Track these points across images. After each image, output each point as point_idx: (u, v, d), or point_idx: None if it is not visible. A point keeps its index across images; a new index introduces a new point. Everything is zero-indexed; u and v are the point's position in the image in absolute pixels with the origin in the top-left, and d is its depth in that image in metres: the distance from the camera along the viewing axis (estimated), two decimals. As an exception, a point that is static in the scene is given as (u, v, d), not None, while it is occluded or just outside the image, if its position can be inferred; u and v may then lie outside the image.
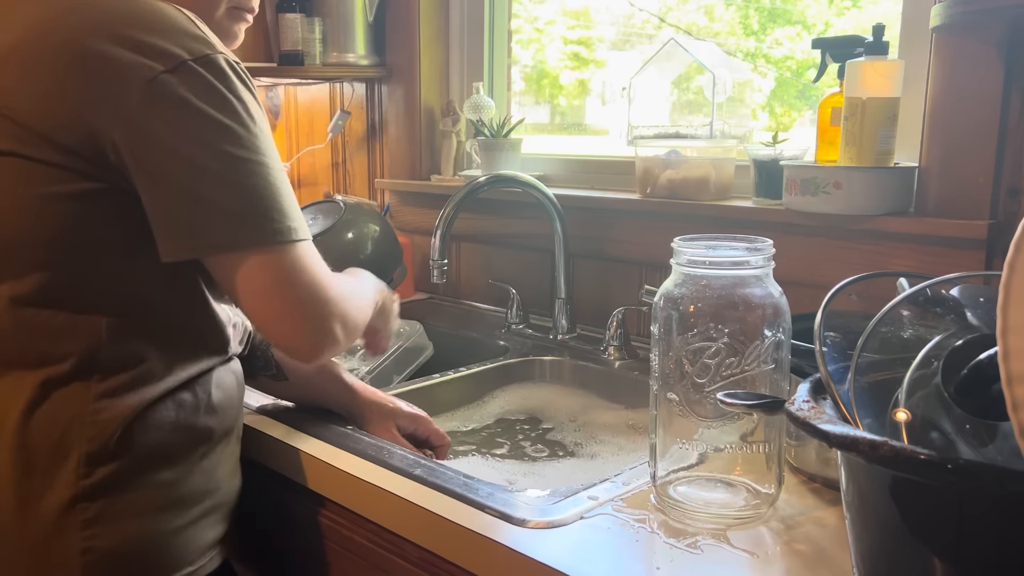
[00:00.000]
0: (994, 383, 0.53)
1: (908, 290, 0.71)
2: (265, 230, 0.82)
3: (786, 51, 1.59)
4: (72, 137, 0.79)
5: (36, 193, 0.81)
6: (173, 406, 0.89)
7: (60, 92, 0.79)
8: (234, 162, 0.81)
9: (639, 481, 0.89)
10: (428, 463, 0.95)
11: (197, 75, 0.80)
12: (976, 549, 0.55)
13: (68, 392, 0.85)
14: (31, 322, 0.84)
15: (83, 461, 0.84)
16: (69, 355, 0.84)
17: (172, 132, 0.79)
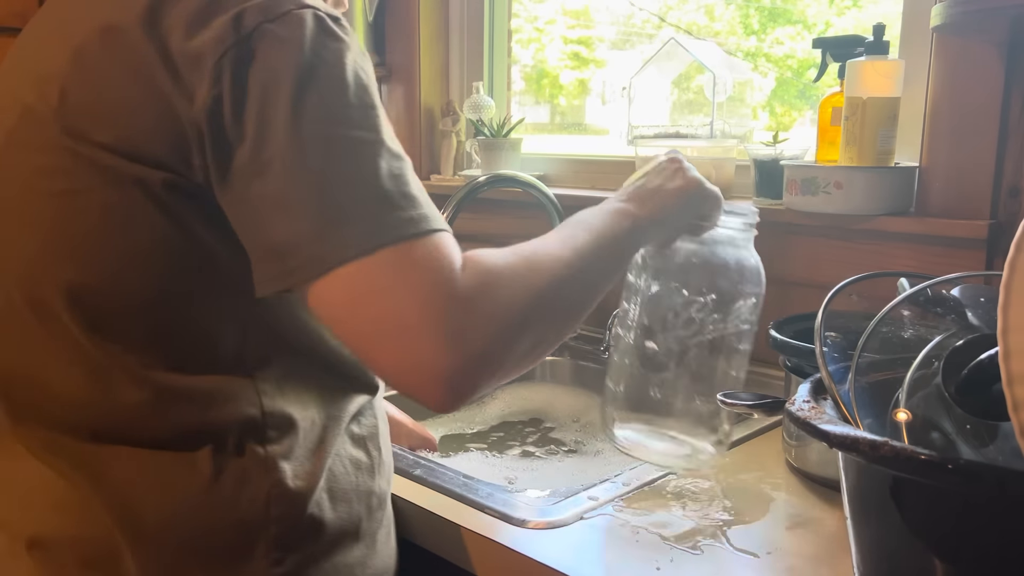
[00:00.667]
0: (995, 383, 0.53)
1: (909, 290, 0.71)
2: (389, 222, 0.61)
3: (787, 50, 1.59)
4: (162, 151, 0.63)
5: (146, 226, 0.64)
6: (352, 468, 0.74)
7: (134, 98, 0.63)
8: (338, 147, 0.61)
9: (639, 481, 0.89)
10: (428, 463, 0.95)
11: (276, 37, 0.61)
12: (976, 549, 0.55)
13: (243, 465, 0.68)
14: (175, 391, 0.67)
15: (273, 547, 0.68)
16: (231, 421, 0.68)
17: (251, 118, 0.60)
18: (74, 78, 0.66)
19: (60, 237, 0.66)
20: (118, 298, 0.66)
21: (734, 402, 0.92)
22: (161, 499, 0.67)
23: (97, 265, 0.66)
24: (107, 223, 0.65)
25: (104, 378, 0.67)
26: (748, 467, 0.94)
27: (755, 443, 1.01)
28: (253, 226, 0.62)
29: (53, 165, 0.66)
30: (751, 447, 1.00)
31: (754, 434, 1.03)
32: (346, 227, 0.59)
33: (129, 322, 0.67)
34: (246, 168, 0.61)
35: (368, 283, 0.59)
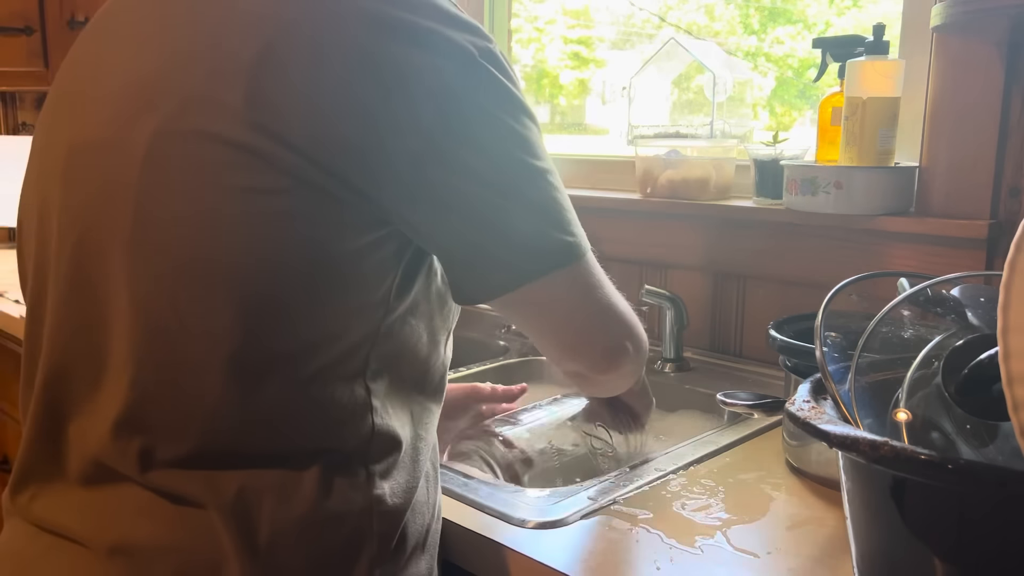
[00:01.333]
0: (995, 383, 0.53)
1: (909, 290, 0.71)
2: (570, 246, 0.72)
3: (787, 49, 1.59)
4: (355, 170, 0.63)
5: (321, 239, 0.65)
6: (424, 482, 0.76)
7: (339, 108, 0.62)
8: (534, 175, 0.70)
9: (639, 481, 0.89)
10: (428, 463, 0.95)
11: (487, 75, 0.67)
12: (977, 549, 0.55)
13: (350, 481, 0.69)
14: (304, 402, 0.67)
15: (374, 563, 0.69)
16: (346, 436, 0.69)
17: (474, 148, 0.66)
18: (266, 74, 0.63)
19: (234, 237, 0.64)
20: (281, 303, 0.66)
21: (734, 402, 0.92)
22: (275, 512, 0.67)
23: (268, 273, 0.65)
24: (287, 227, 0.64)
25: (246, 388, 0.66)
26: (748, 467, 0.94)
27: (755, 443, 1.01)
28: (472, 243, 0.69)
29: (236, 160, 0.63)
30: (751, 447, 1.00)
31: (754, 434, 1.03)
32: (555, 243, 0.71)
33: (281, 332, 0.66)
34: (463, 192, 0.67)
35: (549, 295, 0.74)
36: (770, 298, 1.31)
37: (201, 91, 0.65)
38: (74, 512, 0.70)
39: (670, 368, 1.31)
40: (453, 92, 0.65)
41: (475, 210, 0.67)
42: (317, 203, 0.64)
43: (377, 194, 0.65)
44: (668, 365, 1.31)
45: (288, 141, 0.62)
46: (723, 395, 0.93)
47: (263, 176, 0.63)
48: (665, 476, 0.91)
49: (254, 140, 0.63)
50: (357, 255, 0.66)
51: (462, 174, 0.66)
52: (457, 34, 0.66)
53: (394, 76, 0.63)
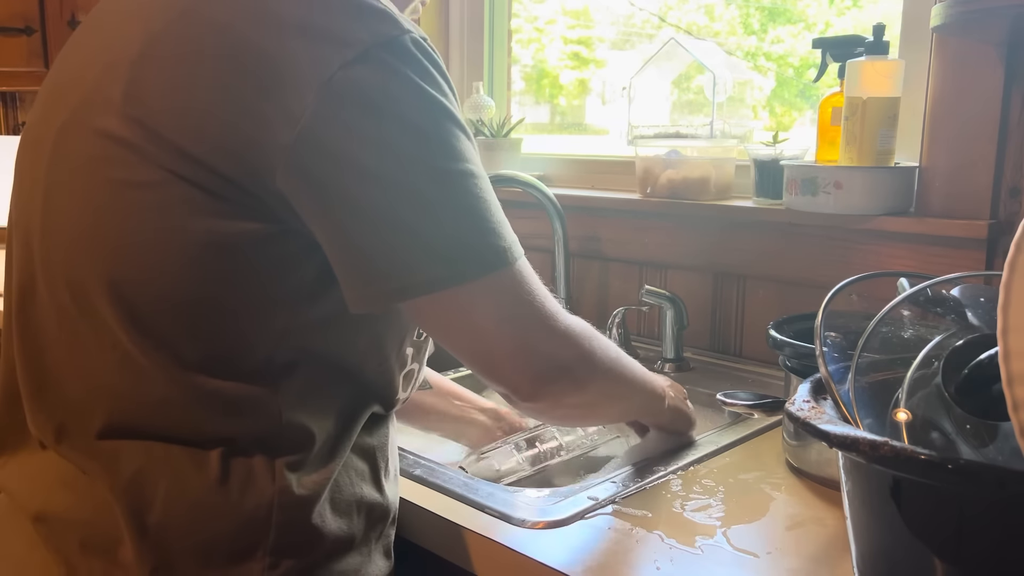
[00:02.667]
0: (995, 383, 0.53)
1: (908, 290, 0.71)
2: (485, 256, 0.66)
3: (787, 48, 1.59)
4: (233, 164, 0.62)
5: (198, 230, 0.64)
6: (357, 478, 0.75)
7: (214, 102, 0.62)
8: (440, 177, 0.64)
9: (639, 481, 0.89)
10: (428, 463, 0.95)
11: (385, 65, 0.62)
12: (976, 549, 0.55)
13: (252, 469, 0.68)
14: (201, 391, 0.68)
15: (271, 552, 0.68)
16: (250, 428, 0.69)
17: (360, 145, 0.61)
18: (145, 67, 0.65)
19: (110, 226, 0.67)
20: (159, 294, 0.66)
21: (734, 402, 0.92)
22: (169, 494, 0.68)
23: (143, 259, 0.66)
24: (160, 219, 0.65)
25: (135, 371, 0.68)
26: (748, 467, 0.94)
27: (755, 443, 1.01)
28: (363, 248, 0.64)
29: (116, 155, 0.65)
30: (751, 447, 1.00)
31: (754, 434, 1.03)
32: (461, 254, 0.65)
33: (166, 319, 0.67)
34: (357, 195, 0.63)
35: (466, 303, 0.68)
36: (770, 298, 1.31)
37: (96, 86, 0.67)
38: (22, 479, 0.75)
39: (670, 368, 1.31)
40: (341, 89, 0.61)
41: (356, 215, 0.63)
42: (192, 196, 0.63)
43: (256, 187, 0.63)
44: (668, 365, 1.31)
45: (161, 135, 0.63)
46: (723, 395, 0.93)
47: (137, 170, 0.64)
48: (665, 476, 0.91)
49: (130, 134, 0.64)
50: (245, 248, 0.65)
51: (344, 171, 0.62)
52: (351, 24, 0.62)
53: (271, 70, 0.61)
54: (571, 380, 0.73)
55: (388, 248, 0.64)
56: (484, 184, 0.68)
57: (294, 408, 0.70)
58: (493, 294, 0.68)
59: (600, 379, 0.77)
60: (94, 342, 0.69)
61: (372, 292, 0.65)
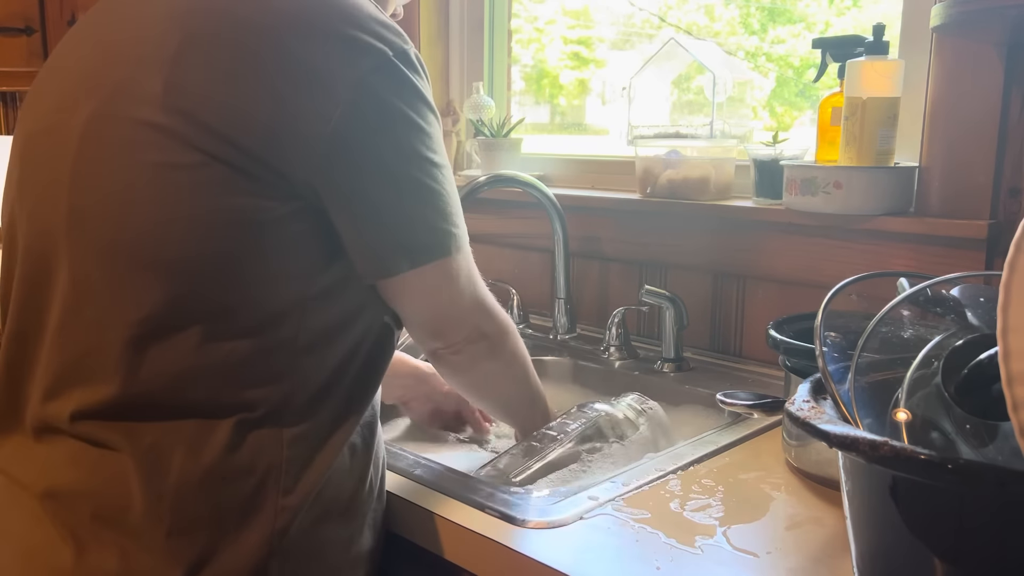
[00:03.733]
0: (994, 383, 0.53)
1: (908, 290, 0.71)
2: (454, 238, 0.80)
3: (788, 48, 1.59)
4: (269, 148, 0.70)
5: (234, 208, 0.71)
6: (349, 453, 0.80)
7: (256, 97, 0.70)
8: (432, 169, 0.77)
9: (639, 481, 0.89)
10: (428, 463, 0.95)
11: (400, 74, 0.73)
12: (976, 549, 0.55)
13: (262, 438, 0.74)
14: (225, 363, 0.73)
15: (278, 515, 0.74)
16: (265, 399, 0.74)
17: (381, 141, 0.73)
18: (185, 61, 0.71)
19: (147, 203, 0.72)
20: (191, 267, 0.72)
21: (734, 402, 0.92)
22: (184, 461, 0.73)
23: (177, 233, 0.72)
24: (199, 198, 0.71)
25: (163, 343, 0.73)
26: (748, 467, 0.94)
27: (755, 443, 1.01)
28: (372, 228, 0.75)
29: (154, 140, 0.71)
30: (751, 447, 1.00)
31: (754, 434, 1.03)
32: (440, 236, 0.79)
33: (197, 290, 0.72)
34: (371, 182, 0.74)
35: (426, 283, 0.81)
36: (770, 298, 1.31)
37: (129, 78, 0.73)
38: (23, 461, 0.78)
39: (670, 368, 1.31)
40: (364, 87, 0.71)
41: (374, 198, 0.74)
42: (229, 176, 0.70)
43: (289, 171, 0.72)
44: (668, 365, 1.31)
45: (202, 121, 0.70)
46: (723, 395, 0.93)
47: (176, 153, 0.70)
48: (665, 476, 0.91)
49: (170, 121, 0.70)
50: (274, 225, 0.72)
51: (365, 162, 0.73)
52: (372, 36, 0.72)
53: (307, 72, 0.70)
54: (487, 346, 0.89)
55: (392, 231, 0.76)
56: (451, 176, 0.81)
57: (308, 383, 0.76)
58: (454, 271, 0.82)
59: (508, 356, 0.94)
60: (118, 316, 0.73)
61: (378, 267, 0.77)
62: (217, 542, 0.72)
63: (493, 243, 1.71)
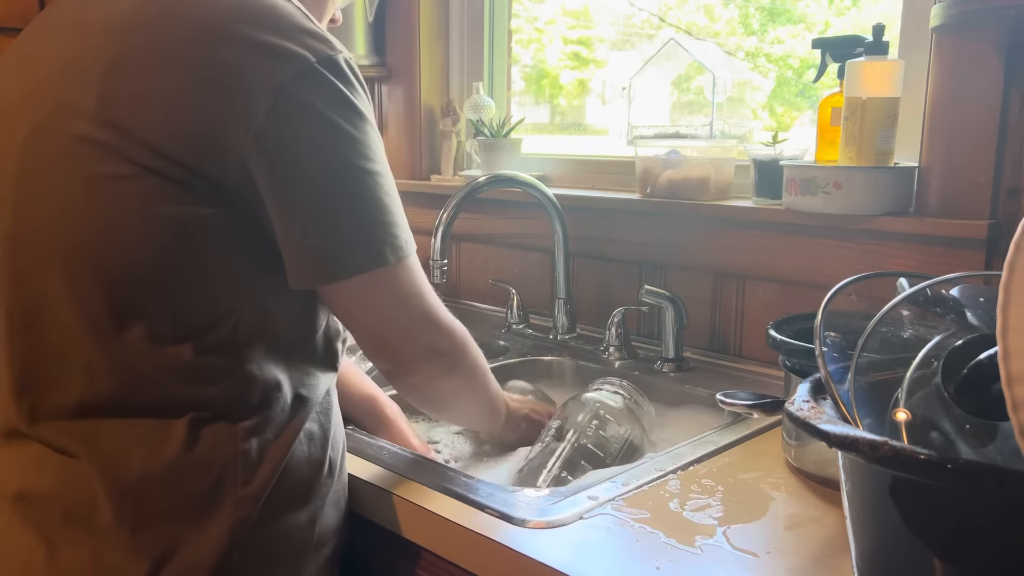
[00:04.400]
0: (994, 383, 0.53)
1: (908, 290, 0.71)
2: (393, 247, 0.78)
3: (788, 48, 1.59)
4: (197, 157, 0.72)
5: (168, 216, 0.73)
6: (306, 439, 0.83)
7: (181, 107, 0.71)
8: (363, 176, 0.76)
9: (639, 481, 0.89)
10: (428, 463, 0.95)
11: (324, 80, 0.73)
12: (976, 549, 0.55)
13: (216, 434, 0.77)
14: (170, 364, 0.76)
15: (237, 507, 0.77)
16: (214, 397, 0.77)
17: (299, 145, 0.73)
18: (116, 76, 0.73)
19: (85, 215, 0.74)
20: (134, 274, 0.74)
21: (734, 402, 0.92)
22: (144, 461, 0.76)
23: (117, 243, 0.74)
24: (134, 208, 0.73)
25: (110, 348, 0.76)
26: (748, 467, 0.94)
27: (755, 443, 1.01)
28: (299, 236, 0.75)
29: (89, 153, 0.73)
30: (751, 447, 1.00)
31: (754, 434, 1.03)
32: (373, 245, 0.77)
33: (141, 297, 0.75)
34: (295, 189, 0.73)
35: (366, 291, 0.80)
36: (770, 298, 1.31)
37: (64, 94, 0.75)
38: None
39: (670, 368, 1.31)
40: (284, 93, 0.71)
41: (298, 205, 0.74)
42: (162, 186, 0.72)
43: (219, 178, 0.73)
44: (668, 365, 1.31)
45: (134, 134, 0.72)
46: (723, 395, 0.93)
47: (109, 165, 0.72)
48: (665, 476, 0.91)
49: (103, 135, 0.72)
50: (211, 231, 0.74)
51: (289, 169, 0.73)
52: (295, 44, 0.73)
53: (229, 81, 0.71)
54: (444, 364, 0.88)
55: (317, 238, 0.75)
56: (391, 183, 0.80)
57: (257, 376, 0.79)
58: (395, 282, 0.80)
59: (467, 372, 0.92)
60: (71, 323, 0.76)
61: (309, 273, 0.76)
62: (180, 536, 0.76)
63: (493, 243, 1.71)
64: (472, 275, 1.77)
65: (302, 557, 0.83)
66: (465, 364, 0.91)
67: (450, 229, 1.35)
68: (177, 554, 0.76)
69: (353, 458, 0.96)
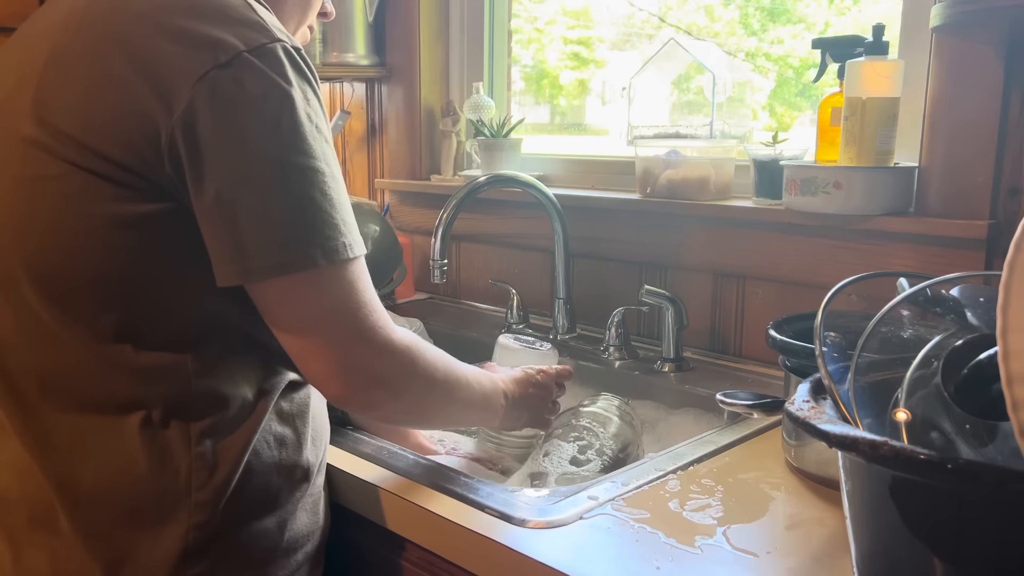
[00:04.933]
0: (994, 383, 0.53)
1: (908, 290, 0.71)
2: (325, 249, 0.72)
3: (788, 48, 1.59)
4: (128, 153, 0.70)
5: (102, 214, 0.71)
6: (275, 441, 0.81)
7: (107, 100, 0.70)
8: (290, 171, 0.71)
9: (639, 481, 0.89)
10: (428, 462, 0.95)
11: (253, 68, 0.69)
12: (976, 549, 0.55)
13: (169, 435, 0.76)
14: (115, 362, 0.75)
15: (193, 512, 0.76)
16: (161, 395, 0.76)
17: (224, 136, 0.69)
18: (50, 75, 0.73)
19: (24, 216, 0.74)
20: (74, 273, 0.74)
21: (734, 402, 0.92)
22: (97, 468, 0.76)
23: (56, 243, 0.73)
24: (68, 208, 0.72)
25: (55, 344, 0.76)
26: (748, 467, 0.94)
27: (755, 443, 1.01)
28: (221, 230, 0.71)
29: (27, 153, 0.73)
30: (751, 447, 1.00)
31: (754, 434, 1.03)
32: (299, 245, 0.71)
33: (83, 295, 0.74)
34: (219, 181, 0.70)
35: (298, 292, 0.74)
36: (770, 298, 1.31)
37: (10, 95, 0.76)
38: None
39: (670, 368, 1.31)
40: (213, 86, 0.69)
41: (219, 198, 0.70)
42: (92, 184, 0.71)
43: (150, 173, 0.71)
44: (668, 365, 1.31)
45: (65, 133, 0.71)
46: (723, 395, 0.93)
47: (44, 165, 0.72)
48: (665, 476, 0.91)
49: (38, 134, 0.72)
50: (148, 226, 0.72)
51: (211, 161, 0.70)
52: (227, 32, 0.70)
53: (157, 71, 0.69)
54: (386, 390, 0.79)
55: (238, 233, 0.70)
56: (332, 182, 0.74)
57: (207, 374, 0.77)
58: (324, 289, 0.73)
59: (418, 391, 0.83)
60: (14, 321, 0.77)
61: (228, 270, 0.72)
62: (133, 541, 0.76)
63: (493, 243, 1.71)
64: (472, 275, 1.77)
65: (270, 563, 0.81)
66: (413, 389, 0.82)
67: (450, 229, 1.35)
68: (130, 560, 0.76)
69: (353, 458, 0.96)
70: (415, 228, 1.85)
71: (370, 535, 0.92)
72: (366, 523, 0.92)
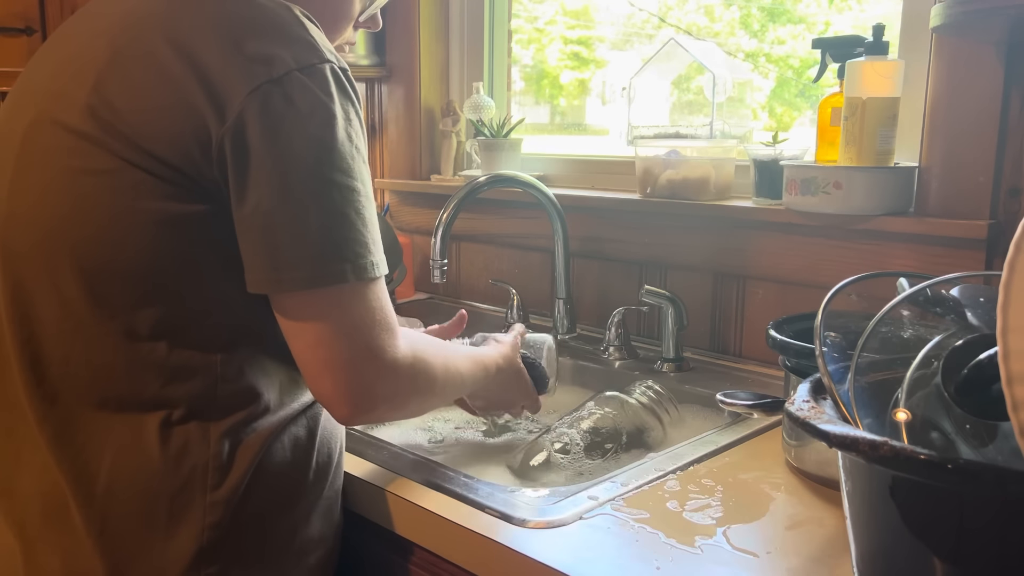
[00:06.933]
0: (994, 383, 0.53)
1: (908, 290, 0.71)
2: (355, 266, 0.74)
3: (788, 49, 1.59)
4: (178, 153, 0.72)
5: (149, 210, 0.73)
6: (290, 444, 0.82)
7: (165, 102, 0.72)
8: (328, 188, 0.73)
9: (639, 481, 0.89)
10: (429, 462, 0.95)
11: (303, 86, 0.72)
12: (976, 549, 0.55)
13: (188, 434, 0.77)
14: (146, 359, 0.76)
15: (208, 512, 0.77)
16: (187, 395, 0.77)
17: (270, 148, 0.71)
18: (110, 73, 0.75)
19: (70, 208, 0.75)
20: (115, 268, 0.75)
21: (734, 402, 0.92)
22: (113, 464, 0.77)
23: (100, 237, 0.74)
24: (115, 202, 0.74)
25: (86, 338, 0.76)
26: (748, 467, 0.94)
27: (755, 443, 1.01)
28: (256, 239, 0.73)
29: (77, 146, 0.74)
30: (751, 447, 1.00)
31: (754, 434, 1.03)
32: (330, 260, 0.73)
33: (123, 291, 0.75)
34: (260, 191, 0.72)
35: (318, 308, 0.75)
36: (770, 298, 1.31)
37: (64, 88, 0.77)
38: None
39: (670, 368, 1.31)
40: (264, 99, 0.71)
41: (257, 207, 0.72)
42: (142, 181, 0.73)
43: (197, 175, 0.73)
44: (668, 365, 1.31)
45: (119, 130, 0.73)
46: (723, 395, 0.93)
47: (94, 158, 0.74)
48: (665, 476, 0.91)
49: (90, 128, 0.74)
50: (191, 226, 0.74)
51: (254, 171, 0.72)
52: (281, 49, 0.73)
53: (214, 81, 0.72)
54: (388, 406, 0.80)
55: (273, 244, 0.73)
56: (366, 201, 0.77)
57: (234, 376, 0.78)
58: (348, 305, 0.75)
59: (417, 403, 0.86)
60: (49, 314, 0.77)
61: (258, 278, 0.74)
62: (147, 540, 0.76)
63: (493, 243, 1.71)
64: (472, 275, 1.77)
65: (282, 565, 0.82)
66: (412, 403, 0.84)
67: (450, 229, 1.35)
68: (144, 558, 0.76)
69: (352, 458, 0.96)
70: (415, 228, 1.85)
71: (369, 535, 0.92)
72: (365, 523, 0.92)
